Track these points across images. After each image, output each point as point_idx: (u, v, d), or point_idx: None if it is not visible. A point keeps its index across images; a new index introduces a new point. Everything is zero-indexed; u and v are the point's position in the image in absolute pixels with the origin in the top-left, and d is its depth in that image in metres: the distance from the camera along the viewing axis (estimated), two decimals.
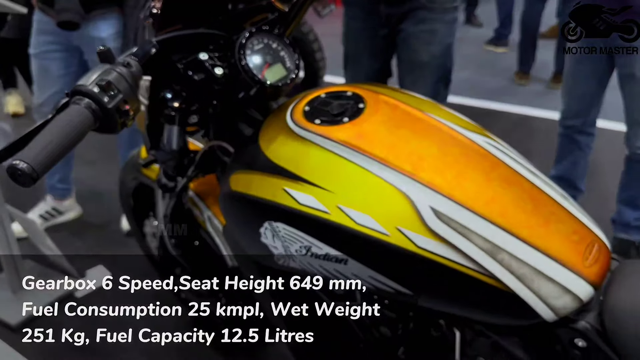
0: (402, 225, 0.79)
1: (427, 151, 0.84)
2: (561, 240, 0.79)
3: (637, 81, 1.76)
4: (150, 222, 1.66)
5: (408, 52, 1.80)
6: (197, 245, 1.39)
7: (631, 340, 0.74)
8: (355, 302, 1.01)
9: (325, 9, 2.88)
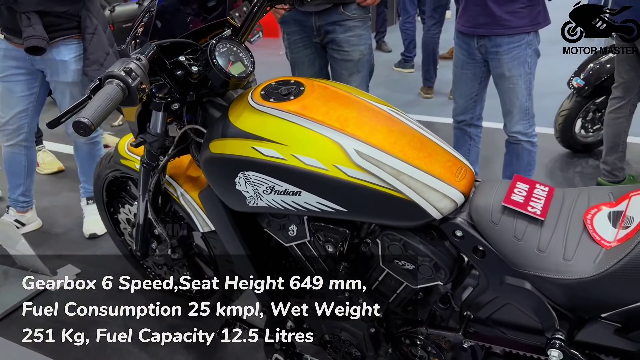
0: (336, 162, 1.16)
1: (350, 114, 1.23)
2: (440, 166, 1.19)
3: (507, 79, 2.27)
4: (125, 209, 1.93)
5: (342, 54, 2.32)
6: (172, 216, 1.69)
7: (488, 225, 1.15)
8: (309, 239, 1.36)
9: (254, 37, 3.28)
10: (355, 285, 1.36)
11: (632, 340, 1.05)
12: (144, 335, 1.92)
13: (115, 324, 1.97)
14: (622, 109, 2.65)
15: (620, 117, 2.67)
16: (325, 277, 1.40)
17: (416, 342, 1.33)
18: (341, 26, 2.29)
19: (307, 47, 2.40)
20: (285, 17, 2.35)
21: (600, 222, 1.09)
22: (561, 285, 1.05)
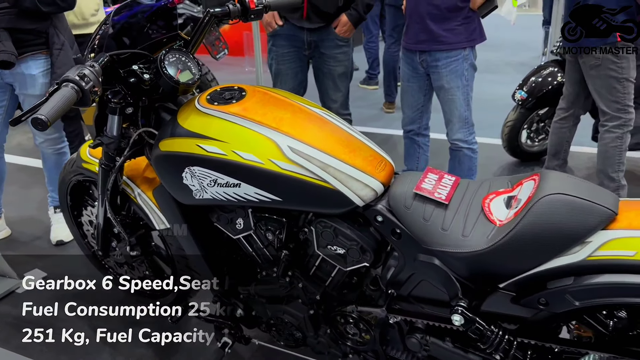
0: (271, 157, 1.32)
1: (284, 116, 1.39)
2: (362, 160, 1.36)
3: (446, 91, 2.47)
4: (88, 211, 2.05)
5: (329, 67, 2.69)
6: (130, 214, 1.82)
7: (402, 210, 1.31)
8: (254, 231, 1.51)
9: (220, 53, 3.47)
10: (293, 272, 1.51)
11: (525, 306, 1.22)
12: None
13: (80, 323, 2.08)
14: (567, 119, 2.87)
15: (564, 126, 2.89)
16: (270, 266, 1.55)
17: (349, 320, 1.48)
18: (330, 43, 2.63)
19: (294, 60, 2.69)
20: (277, 30, 2.61)
21: (497, 205, 1.26)
22: (460, 259, 1.22)
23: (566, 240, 1.12)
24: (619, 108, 2.45)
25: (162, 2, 1.59)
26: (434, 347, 1.40)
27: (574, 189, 1.14)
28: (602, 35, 2.30)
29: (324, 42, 2.64)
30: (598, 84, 2.46)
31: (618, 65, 2.38)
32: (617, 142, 2.49)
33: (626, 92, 2.43)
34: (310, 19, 2.55)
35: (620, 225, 1.11)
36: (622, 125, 2.47)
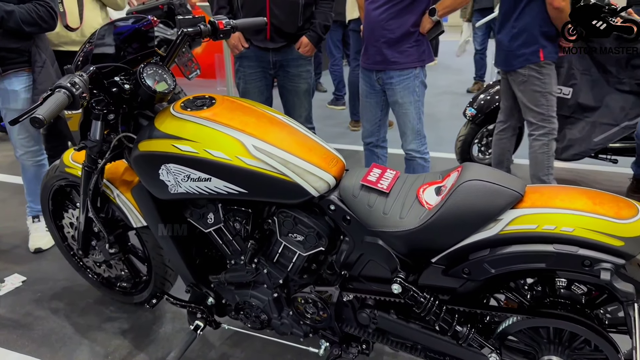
0: (238, 154, 1.52)
1: (250, 120, 1.60)
2: (317, 157, 1.57)
3: (400, 105, 2.73)
4: (69, 213, 2.21)
5: (293, 85, 2.97)
6: (109, 216, 1.99)
7: (351, 198, 1.52)
8: (223, 224, 1.70)
9: (192, 73, 3.68)
10: (259, 259, 1.70)
11: (453, 277, 1.44)
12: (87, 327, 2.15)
13: (59, 319, 2.22)
14: (505, 131, 3.17)
15: (504, 137, 3.18)
16: (238, 255, 1.74)
17: (308, 301, 1.67)
18: (294, 62, 2.92)
19: (260, 79, 2.95)
20: (243, 52, 2.83)
21: (429, 193, 1.49)
22: (398, 237, 1.44)
23: (482, 219, 1.35)
24: (544, 118, 2.75)
25: (138, 25, 1.80)
26: (381, 320, 1.61)
27: (488, 176, 1.38)
28: (602, 35, 2.38)
29: (288, 61, 2.90)
30: (525, 97, 2.77)
31: (542, 81, 2.69)
32: (544, 148, 2.79)
33: (549, 105, 2.74)
34: (273, 40, 2.80)
35: (526, 205, 1.35)
36: (547, 133, 2.77)
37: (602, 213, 1.27)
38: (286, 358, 1.96)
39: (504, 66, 2.87)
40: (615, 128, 3.22)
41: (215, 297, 1.87)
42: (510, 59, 2.78)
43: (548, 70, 2.71)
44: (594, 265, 1.24)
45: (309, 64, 2.99)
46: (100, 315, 2.24)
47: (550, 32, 2.64)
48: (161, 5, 2.07)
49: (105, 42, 1.73)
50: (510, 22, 2.74)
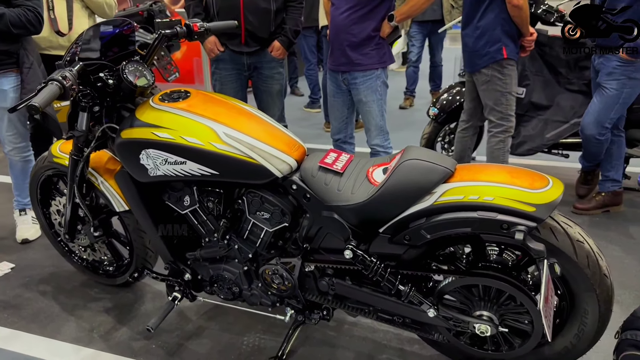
0: (210, 140, 1.73)
1: (221, 111, 1.81)
2: (281, 143, 1.78)
3: (364, 104, 2.96)
4: (56, 201, 2.39)
5: (266, 86, 3.19)
6: (94, 202, 2.18)
7: (310, 178, 1.74)
8: (198, 206, 1.90)
9: (171, 76, 3.87)
10: (230, 236, 1.91)
11: (397, 244, 1.66)
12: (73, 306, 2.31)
13: (47, 300, 2.40)
14: (467, 130, 3.41)
15: (465, 136, 3.43)
16: (212, 234, 1.94)
17: (274, 271, 1.87)
18: (267, 65, 3.14)
19: (236, 81, 3.16)
20: (219, 56, 3.04)
21: (377, 173, 1.72)
22: (349, 210, 1.66)
23: (419, 192, 1.58)
24: (502, 117, 3.00)
25: (118, 29, 1.99)
26: (338, 286, 1.82)
27: (424, 156, 1.61)
28: (602, 35, 2.40)
29: (261, 64, 3.12)
30: (487, 96, 3.01)
31: (503, 81, 2.93)
32: (500, 144, 3.04)
33: (508, 104, 2.99)
34: (247, 44, 3.02)
35: (455, 180, 1.58)
36: (504, 131, 3.02)
37: (517, 184, 1.51)
38: (257, 329, 2.16)
39: (470, 67, 3.07)
40: (565, 125, 3.50)
41: (191, 273, 2.06)
42: (475, 59, 2.98)
43: (510, 71, 2.93)
44: (510, 228, 1.48)
45: (281, 66, 3.21)
46: (86, 296, 2.42)
47: (511, 31, 2.85)
48: (141, 12, 2.28)
49: (91, 42, 1.93)
50: (473, 23, 2.95)
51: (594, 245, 1.56)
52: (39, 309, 2.32)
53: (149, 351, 2.03)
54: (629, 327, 1.54)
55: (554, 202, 1.48)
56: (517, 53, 2.95)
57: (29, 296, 2.42)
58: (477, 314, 1.67)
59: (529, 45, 2.97)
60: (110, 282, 2.45)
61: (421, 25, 5.82)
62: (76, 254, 2.49)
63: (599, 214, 3.20)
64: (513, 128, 3.04)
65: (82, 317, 2.26)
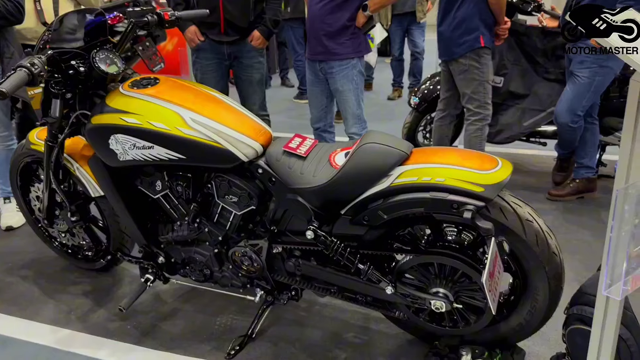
0: (177, 125, 1.78)
1: (188, 97, 1.87)
2: (247, 128, 1.84)
3: (340, 93, 3.01)
4: (35, 187, 2.44)
5: (247, 74, 3.23)
6: (71, 188, 2.23)
7: (275, 162, 1.80)
8: (169, 190, 1.96)
9: (156, 66, 3.91)
10: (201, 219, 1.97)
11: (357, 224, 1.72)
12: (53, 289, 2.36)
13: (28, 284, 2.46)
14: (445, 118, 3.47)
15: (443, 124, 3.48)
16: (183, 217, 2.00)
17: (243, 253, 1.94)
18: (248, 54, 3.18)
19: (216, 70, 3.20)
20: (200, 45, 3.09)
21: (339, 157, 1.77)
22: (311, 192, 1.72)
23: (376, 175, 1.64)
24: (480, 105, 3.05)
25: (97, 19, 2.04)
26: (305, 267, 1.89)
27: (382, 140, 1.67)
28: (602, 35, 2.80)
29: (242, 53, 3.16)
30: (465, 85, 3.06)
31: (480, 70, 2.99)
32: (477, 132, 3.09)
33: (486, 92, 3.04)
34: (227, 33, 3.07)
35: (410, 162, 1.64)
36: (482, 119, 3.08)
37: (467, 166, 1.57)
38: (231, 310, 2.22)
39: (446, 56, 3.12)
40: (542, 113, 3.55)
41: (165, 256, 2.13)
42: (452, 47, 3.02)
43: (486, 60, 2.99)
44: (460, 208, 1.54)
45: (261, 55, 3.26)
46: (66, 281, 2.48)
47: (488, 20, 2.90)
48: (127, 3, 2.32)
49: (65, 30, 1.97)
50: (451, 14, 3.00)
51: (544, 224, 1.63)
52: (20, 292, 2.38)
53: (124, 331, 2.10)
54: (576, 302, 1.60)
55: (502, 182, 1.54)
56: (493, 42, 3.01)
57: (10, 280, 2.49)
58: (433, 291, 1.73)
59: (504, 34, 3.03)
60: (90, 267, 2.51)
61: (399, 18, 5.85)
62: (57, 240, 2.55)
63: (573, 200, 3.26)
64: (490, 116, 3.10)
65: (61, 300, 2.33)
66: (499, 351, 1.84)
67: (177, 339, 2.05)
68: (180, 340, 2.04)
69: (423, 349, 1.92)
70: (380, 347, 1.98)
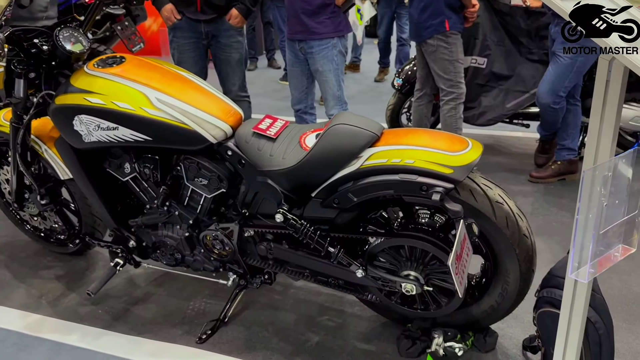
0: (142, 106, 1.73)
1: (155, 76, 1.81)
2: (216, 109, 1.79)
3: (320, 73, 2.96)
4: (4, 170, 2.39)
5: (225, 54, 3.12)
6: (40, 171, 2.18)
7: (244, 144, 1.75)
8: (138, 172, 1.91)
9: (135, 46, 3.82)
10: (170, 202, 1.93)
11: (328, 207, 1.69)
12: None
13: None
14: (422, 98, 3.42)
15: (421, 104, 3.44)
16: (153, 200, 1.96)
17: (214, 237, 1.90)
18: (225, 33, 3.08)
19: (194, 49, 3.11)
20: (177, 24, 3.01)
21: (310, 139, 1.73)
22: (281, 174, 1.68)
23: (346, 156, 1.61)
24: (452, 84, 3.03)
25: None
26: (276, 250, 1.86)
27: (352, 121, 1.63)
28: (602, 35, 2.82)
29: (219, 32, 3.08)
30: (435, 66, 3.03)
31: (449, 50, 2.96)
32: (452, 112, 3.07)
33: (457, 71, 3.01)
34: (204, 11, 2.99)
35: (380, 144, 1.60)
36: (455, 98, 3.05)
37: (437, 147, 1.54)
38: (204, 294, 2.20)
39: (415, 38, 3.12)
40: (526, 95, 3.52)
41: (136, 240, 2.09)
42: (420, 30, 3.03)
43: (454, 40, 2.97)
44: (429, 190, 1.51)
45: (240, 34, 3.18)
46: (38, 265, 2.44)
47: (454, 4, 2.89)
48: None
49: (35, 7, 1.90)
50: None
51: (514, 206, 1.61)
52: None
53: (94, 316, 2.07)
54: (546, 285, 1.59)
55: (471, 163, 1.51)
56: (461, 24, 2.99)
57: None
58: (404, 274, 1.71)
59: (472, 17, 3.03)
60: (63, 250, 2.47)
61: (388, 0, 5.76)
62: (28, 223, 2.50)
63: (554, 182, 3.25)
64: (464, 95, 3.08)
65: (33, 284, 2.29)
66: (472, 334, 1.84)
67: (148, 324, 2.02)
68: (152, 324, 2.02)
69: (396, 332, 1.90)
70: (353, 330, 1.96)
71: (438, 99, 3.33)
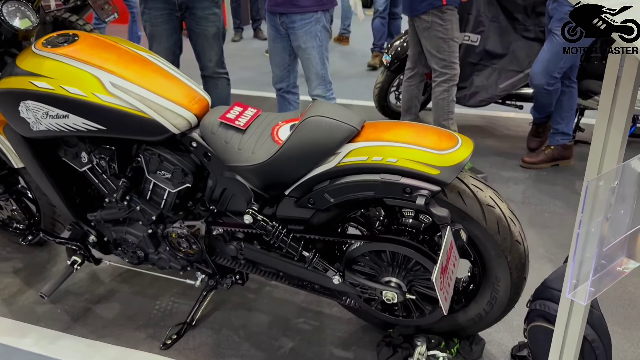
0: (94, 91, 1.54)
1: (110, 57, 1.61)
2: (178, 94, 1.61)
3: (303, 50, 2.75)
4: None
5: (201, 28, 2.89)
6: None
7: (210, 135, 1.57)
8: (95, 163, 1.73)
9: (109, 17, 3.56)
10: (131, 196, 1.75)
11: (303, 207, 1.53)
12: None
13: None
14: (413, 77, 3.24)
15: (412, 84, 3.26)
16: (112, 195, 1.78)
17: (180, 235, 1.74)
18: (200, 4, 2.83)
19: (167, 21, 2.87)
20: None
21: (283, 130, 1.56)
22: (250, 170, 1.51)
23: (322, 152, 1.44)
24: (446, 65, 2.84)
25: None
26: (247, 251, 1.70)
27: (329, 112, 1.45)
28: (603, 34, 2.75)
29: (194, 3, 2.83)
30: (428, 44, 2.84)
31: (444, 27, 2.76)
32: (444, 94, 2.89)
33: (451, 51, 2.82)
34: None
35: (360, 139, 1.44)
36: (448, 80, 2.87)
37: (423, 145, 1.37)
38: (172, 292, 2.05)
39: (409, 12, 2.92)
40: (520, 75, 3.34)
41: (97, 235, 1.92)
42: (414, 4, 2.83)
43: (450, 16, 2.78)
44: (413, 192, 1.35)
45: (217, 6, 2.94)
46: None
47: None
48: None
49: None
50: None
51: (507, 210, 1.46)
52: None
53: (52, 316, 1.92)
54: (539, 297, 1.46)
55: (461, 163, 1.35)
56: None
57: None
58: (385, 280, 1.57)
59: None
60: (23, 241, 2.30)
61: None
62: None
63: (547, 168, 3.11)
64: (457, 76, 2.90)
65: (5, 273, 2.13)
66: (457, 341, 1.71)
67: (109, 326, 1.88)
68: (113, 326, 1.87)
69: (377, 337, 1.78)
70: (331, 335, 1.83)
71: (429, 77, 3.16)
